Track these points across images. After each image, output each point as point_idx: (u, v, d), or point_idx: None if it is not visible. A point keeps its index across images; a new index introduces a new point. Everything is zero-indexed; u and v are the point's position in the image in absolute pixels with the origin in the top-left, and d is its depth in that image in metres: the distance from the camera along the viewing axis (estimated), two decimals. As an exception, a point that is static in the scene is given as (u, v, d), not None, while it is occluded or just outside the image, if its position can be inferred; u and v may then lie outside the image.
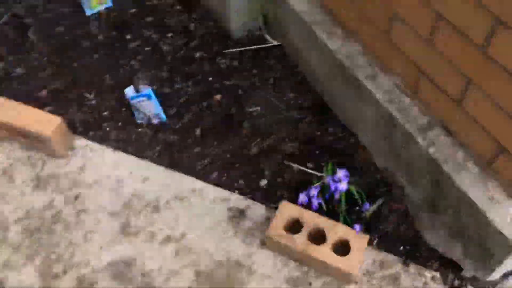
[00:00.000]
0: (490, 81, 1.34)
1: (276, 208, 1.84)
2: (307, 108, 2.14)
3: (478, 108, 1.42)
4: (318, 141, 2.04)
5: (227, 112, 2.14)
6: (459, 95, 1.46)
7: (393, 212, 1.85)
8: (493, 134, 1.41)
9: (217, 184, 1.94)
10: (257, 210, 1.87)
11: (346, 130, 2.06)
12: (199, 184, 1.94)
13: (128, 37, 2.43)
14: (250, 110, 2.14)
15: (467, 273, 1.68)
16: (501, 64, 1.28)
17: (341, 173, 1.72)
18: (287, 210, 1.76)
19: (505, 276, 1.66)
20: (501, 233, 1.41)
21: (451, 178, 1.52)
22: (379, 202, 1.87)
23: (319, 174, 1.93)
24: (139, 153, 2.03)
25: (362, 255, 1.67)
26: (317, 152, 2.01)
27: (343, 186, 1.72)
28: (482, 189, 1.47)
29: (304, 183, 1.92)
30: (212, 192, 1.92)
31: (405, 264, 1.73)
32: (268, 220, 1.83)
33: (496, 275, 1.59)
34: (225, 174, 1.96)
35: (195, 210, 1.87)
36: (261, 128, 2.08)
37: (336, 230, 1.70)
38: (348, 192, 1.80)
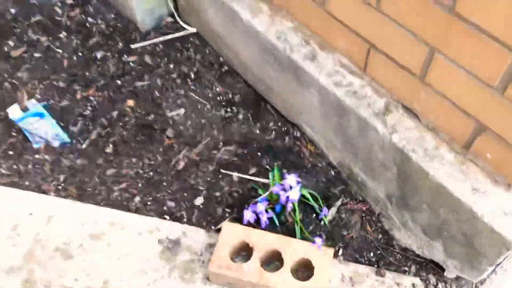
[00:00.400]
0: (459, 45, 1.06)
1: (218, 231, 1.51)
2: (238, 103, 1.81)
3: (446, 81, 1.14)
4: (257, 140, 1.72)
5: (143, 120, 1.76)
6: (422, 68, 1.18)
7: (355, 213, 1.57)
8: (468, 110, 1.14)
9: (141, 211, 1.57)
10: (196, 236, 1.52)
11: (288, 124, 1.74)
12: (118, 215, 1.56)
13: (11, 43, 1.97)
14: (171, 114, 1.77)
15: (451, 274, 1.43)
16: (473, 22, 1.00)
17: (290, 179, 1.41)
18: (232, 233, 1.43)
19: (493, 270, 1.43)
20: (492, 229, 1.15)
21: (422, 169, 1.25)
22: (338, 203, 1.58)
23: (264, 180, 1.61)
24: (39, 187, 1.61)
25: (329, 273, 1.37)
26: (258, 154, 1.68)
27: (295, 194, 1.41)
28: (462, 179, 1.21)
29: (249, 194, 1.59)
30: (136, 222, 1.55)
31: (379, 273, 1.45)
32: (210, 247, 1.49)
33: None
34: (150, 197, 1.59)
35: (117, 249, 1.49)
36: (188, 134, 1.73)
37: (294, 249, 1.39)
38: (301, 198, 1.50)
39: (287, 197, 1.41)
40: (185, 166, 1.66)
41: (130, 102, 1.80)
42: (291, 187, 1.42)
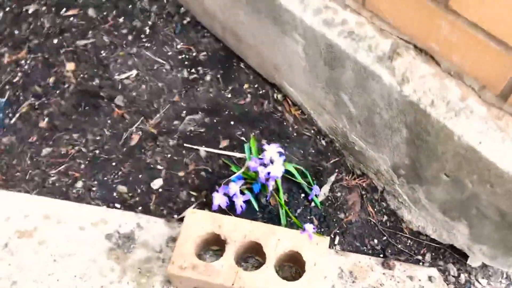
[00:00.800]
0: None
1: (181, 220, 1.19)
2: (205, 62, 1.47)
3: (482, 1, 0.83)
4: (229, 107, 1.39)
5: (86, 86, 1.42)
6: (445, -12, 0.86)
7: (353, 191, 1.26)
8: (511, 42, 0.83)
9: (85, 199, 1.24)
10: (154, 228, 1.20)
11: (267, 85, 1.42)
12: (55, 205, 1.23)
13: None
14: (121, 77, 1.43)
15: (476, 262, 1.14)
16: None
17: (271, 151, 1.09)
18: (198, 222, 1.10)
19: (529, 255, 1.14)
20: (544, 204, 0.85)
21: (444, 127, 0.94)
22: (331, 180, 1.27)
23: (239, 155, 1.29)
24: (-48, 174, 1.27)
25: (324, 268, 1.06)
26: (230, 123, 1.36)
27: (277, 170, 1.09)
28: (500, 138, 0.90)
29: (220, 172, 1.27)
30: (77, 213, 1.22)
31: (387, 265, 1.15)
32: (172, 241, 1.17)
33: (524, 261, 1.05)
34: (96, 182, 1.26)
35: (53, 249, 1.17)
36: (142, 102, 1.39)
37: (279, 239, 1.08)
38: (285, 175, 1.19)
39: (268, 173, 1.09)
40: (140, 141, 1.33)
41: (70, 66, 1.46)
42: (272, 161, 1.10)
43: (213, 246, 1.15)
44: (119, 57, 1.46)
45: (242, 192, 1.15)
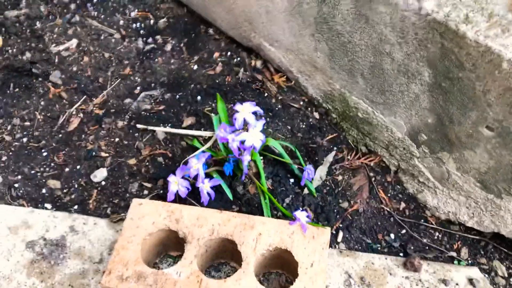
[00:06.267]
0: None
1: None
2: (165, 29, 1.19)
3: None
4: (194, 79, 1.10)
5: (16, 61, 1.13)
6: None
7: (358, 173, 0.96)
8: None
9: (3, 199, 0.93)
10: (92, 232, 0.89)
11: (241, 49, 1.14)
12: (-42, 207, 0.92)
13: None
14: (59, 49, 1.14)
15: (533, 255, 0.84)
16: None
17: (245, 110, 0.79)
18: (147, 216, 0.79)
19: None
20: None
21: (486, 51, 0.65)
22: (329, 159, 0.97)
23: (207, 133, 0.99)
24: None
25: (323, 273, 0.75)
26: (197, 98, 1.07)
27: (254, 136, 0.79)
28: None
29: (183, 156, 0.97)
30: (-10, 217, 0.91)
31: (411, 265, 0.84)
32: (117, 247, 0.86)
33: None
34: (20, 176, 0.96)
35: (-49, 266, 0.85)
36: (84, 78, 1.10)
37: (260, 233, 0.77)
38: (270, 154, 0.89)
39: (243, 144, 0.79)
40: (80, 125, 1.03)
41: (-3, 40, 1.17)
42: (246, 127, 0.80)
43: (173, 251, 0.84)
44: (57, 27, 1.17)
45: (209, 176, 0.85)
